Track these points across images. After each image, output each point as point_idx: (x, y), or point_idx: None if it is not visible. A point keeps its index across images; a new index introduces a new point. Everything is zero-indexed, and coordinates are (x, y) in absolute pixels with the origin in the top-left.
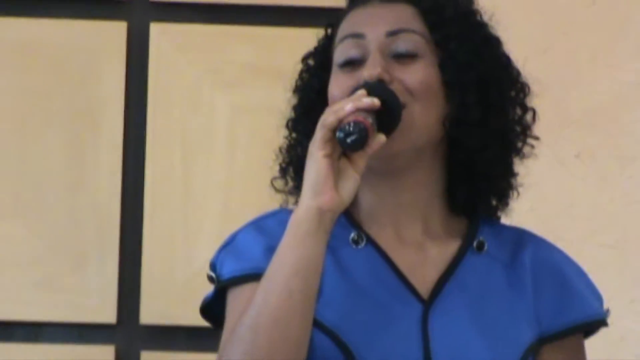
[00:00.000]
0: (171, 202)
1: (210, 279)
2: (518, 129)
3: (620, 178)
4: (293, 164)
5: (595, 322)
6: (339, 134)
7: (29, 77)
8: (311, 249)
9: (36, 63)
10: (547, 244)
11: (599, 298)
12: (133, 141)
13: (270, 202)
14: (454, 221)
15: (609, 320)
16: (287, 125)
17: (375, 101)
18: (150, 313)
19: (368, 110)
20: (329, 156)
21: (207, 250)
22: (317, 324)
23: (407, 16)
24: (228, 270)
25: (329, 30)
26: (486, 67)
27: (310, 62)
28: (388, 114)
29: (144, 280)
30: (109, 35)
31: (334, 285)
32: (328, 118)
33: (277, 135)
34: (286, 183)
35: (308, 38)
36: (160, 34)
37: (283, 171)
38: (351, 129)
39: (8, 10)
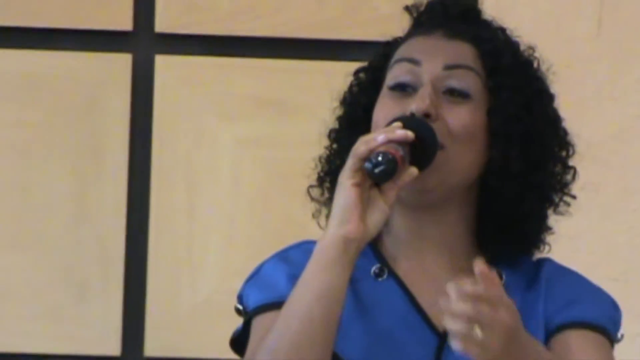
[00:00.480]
0: (175, 234)
1: (238, 311)
2: (557, 185)
3: (624, 211)
4: (330, 175)
5: (600, 327)
6: (367, 164)
7: (33, 108)
8: (335, 276)
9: (41, 95)
10: (564, 267)
11: (615, 308)
12: (138, 173)
13: (274, 234)
14: (476, 256)
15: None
16: (329, 136)
17: (408, 134)
18: (155, 345)
19: (401, 143)
20: (358, 185)
21: (212, 282)
22: (334, 357)
23: (467, 54)
24: (254, 300)
25: (387, 49)
26: (534, 122)
27: (362, 76)
28: (422, 149)
29: (148, 311)
30: (114, 67)
31: (352, 319)
32: (359, 147)
33: (280, 167)
34: (322, 193)
35: (312, 70)
36: (165, 66)
37: (320, 180)
38: (380, 159)
39: (13, 41)
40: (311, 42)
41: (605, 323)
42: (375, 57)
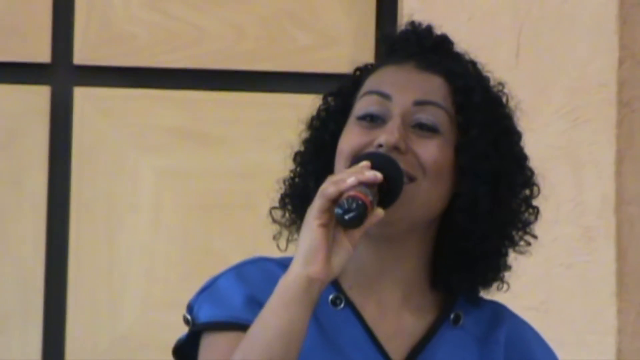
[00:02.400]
0: (95, 266)
1: (186, 321)
2: (519, 224)
3: (543, 241)
4: (293, 197)
5: None
6: (338, 210)
7: None
8: (296, 315)
9: None
10: (521, 321)
11: None
12: (57, 206)
13: (195, 266)
14: (433, 293)
15: None
16: (294, 159)
17: (378, 175)
18: None
19: (369, 184)
20: (325, 226)
21: (132, 315)
22: None
23: (438, 90)
24: (205, 314)
25: (357, 75)
26: (502, 160)
27: (331, 101)
28: (389, 188)
29: (68, 345)
30: (33, 100)
31: (313, 342)
32: (328, 188)
33: (201, 199)
34: (284, 215)
35: (232, 101)
36: (84, 98)
37: (283, 202)
38: (350, 206)
39: None
40: (230, 74)
41: None
42: (344, 83)
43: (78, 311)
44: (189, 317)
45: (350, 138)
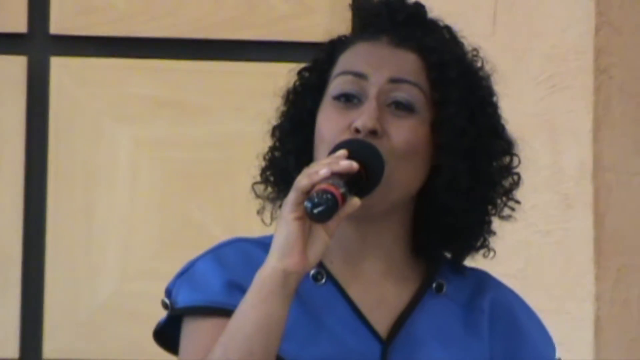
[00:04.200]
0: (73, 236)
1: (164, 305)
2: (501, 192)
3: (522, 208)
4: (274, 172)
5: None
6: (307, 204)
7: None
8: (274, 308)
9: None
10: (507, 289)
11: (551, 345)
12: (34, 175)
13: (173, 235)
14: (415, 262)
15: None
16: (272, 133)
17: (353, 165)
18: (54, 347)
19: (343, 174)
20: (300, 219)
21: (110, 284)
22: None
23: (412, 67)
24: (183, 298)
25: (330, 47)
26: (479, 134)
27: (307, 76)
28: (369, 176)
29: (47, 314)
30: (9, 70)
31: (295, 318)
32: (302, 181)
33: (179, 168)
34: (266, 188)
35: (209, 71)
36: (61, 67)
37: (264, 177)
38: (319, 200)
39: None
40: (208, 43)
41: None
42: (319, 57)
43: (56, 282)
44: (167, 301)
45: (329, 121)
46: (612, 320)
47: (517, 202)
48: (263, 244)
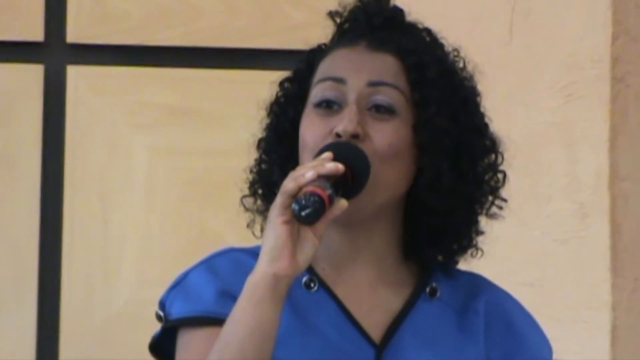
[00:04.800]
0: (90, 244)
1: (158, 317)
2: (488, 190)
3: (538, 217)
4: (262, 185)
5: None
6: (294, 206)
7: None
8: (266, 313)
9: None
10: (501, 291)
11: (547, 346)
12: (51, 184)
13: (189, 243)
14: (408, 266)
15: None
16: (258, 145)
17: (339, 167)
18: (69, 355)
19: (330, 177)
20: (288, 222)
21: (126, 292)
22: None
23: (391, 69)
24: (177, 310)
25: (310, 57)
26: (461, 133)
27: (288, 87)
28: (355, 178)
29: (63, 321)
30: (26, 78)
31: (288, 325)
32: (288, 184)
33: (195, 176)
34: (255, 201)
35: (225, 79)
36: (77, 76)
37: (253, 190)
38: (307, 202)
39: None
40: (224, 51)
41: None
42: (299, 66)
43: (72, 289)
44: (161, 313)
45: (311, 128)
46: (629, 329)
47: (504, 200)
48: (255, 253)
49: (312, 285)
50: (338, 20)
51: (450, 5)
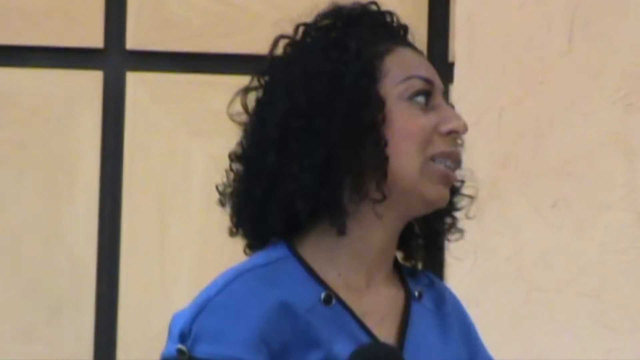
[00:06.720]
0: (147, 252)
1: (181, 353)
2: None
3: (596, 227)
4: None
5: None
6: None
7: (5, 126)
8: None
9: (12, 112)
10: (447, 286)
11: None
12: (109, 190)
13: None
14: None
15: None
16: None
17: None
18: None
19: None
20: None
21: (184, 301)
22: None
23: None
24: (204, 350)
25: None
26: None
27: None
28: None
29: (120, 330)
30: (85, 84)
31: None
32: None
33: None
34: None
35: None
36: (137, 83)
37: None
38: None
39: None
40: None
41: None
42: (351, 60)
43: (130, 295)
44: (184, 348)
45: (418, 119)
46: None
47: (471, 197)
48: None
49: (330, 300)
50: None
51: (510, 14)
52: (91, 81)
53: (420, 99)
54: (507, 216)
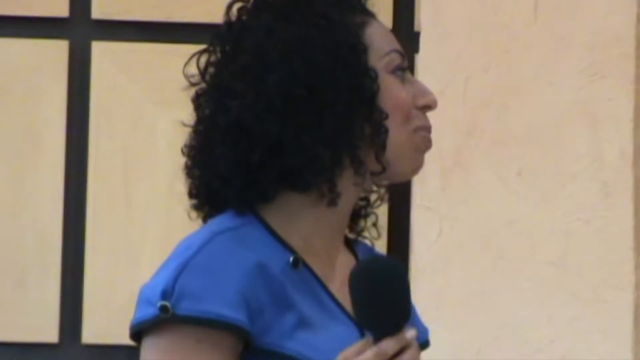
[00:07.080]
0: (113, 221)
1: (164, 309)
2: None
3: (561, 195)
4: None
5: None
6: None
7: None
8: None
9: None
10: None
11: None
12: (75, 160)
13: None
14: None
15: (550, 338)
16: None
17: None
18: (93, 332)
19: None
20: None
21: (150, 270)
22: (278, 356)
23: None
24: (188, 307)
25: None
26: None
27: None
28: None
29: (86, 299)
30: (51, 54)
31: (283, 311)
32: None
33: None
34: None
35: None
36: (102, 52)
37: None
38: None
39: None
40: None
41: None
42: (341, 36)
43: (95, 267)
44: (167, 304)
45: (403, 91)
46: None
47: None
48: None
49: (297, 264)
50: None
51: None
52: (57, 50)
53: (400, 73)
54: (472, 185)
